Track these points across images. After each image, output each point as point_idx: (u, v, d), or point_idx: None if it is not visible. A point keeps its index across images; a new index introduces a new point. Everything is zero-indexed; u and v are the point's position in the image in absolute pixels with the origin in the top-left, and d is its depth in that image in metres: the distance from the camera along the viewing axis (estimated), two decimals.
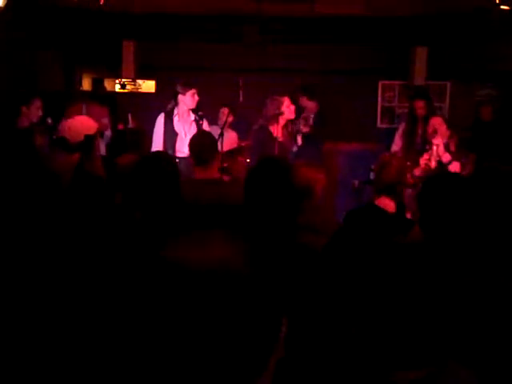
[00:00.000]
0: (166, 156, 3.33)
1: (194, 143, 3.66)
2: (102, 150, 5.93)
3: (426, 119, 5.50)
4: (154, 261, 1.54)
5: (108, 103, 6.49)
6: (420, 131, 5.52)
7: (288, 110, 5.11)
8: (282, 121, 5.10)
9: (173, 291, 1.39)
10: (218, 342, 1.23)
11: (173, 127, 4.91)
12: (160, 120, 4.98)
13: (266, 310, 1.32)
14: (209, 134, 4.11)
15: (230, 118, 6.14)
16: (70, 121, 3.28)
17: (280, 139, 5.07)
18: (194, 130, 4.86)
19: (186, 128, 4.90)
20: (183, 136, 4.88)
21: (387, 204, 3.03)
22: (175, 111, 4.96)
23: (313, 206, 2.96)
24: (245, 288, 1.30)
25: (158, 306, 1.37)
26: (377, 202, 3.05)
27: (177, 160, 4.03)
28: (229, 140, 6.03)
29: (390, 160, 3.13)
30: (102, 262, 2.20)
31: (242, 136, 6.66)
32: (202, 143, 3.64)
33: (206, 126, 5.03)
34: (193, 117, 4.96)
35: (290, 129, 5.31)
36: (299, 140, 5.65)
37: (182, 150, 4.70)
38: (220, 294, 1.26)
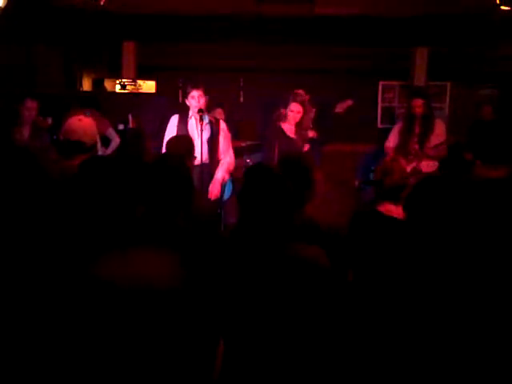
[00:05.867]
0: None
1: None
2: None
3: (424, 118, 5.46)
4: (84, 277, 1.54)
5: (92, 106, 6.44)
6: (417, 130, 5.45)
7: (293, 113, 5.05)
8: (292, 119, 5.05)
9: (100, 309, 1.40)
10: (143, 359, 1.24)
11: (186, 131, 4.64)
12: (173, 121, 4.70)
13: (197, 323, 1.32)
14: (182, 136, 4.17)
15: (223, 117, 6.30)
16: (79, 123, 3.21)
17: (291, 136, 5.05)
18: (207, 134, 4.64)
19: (198, 133, 4.50)
20: (197, 140, 4.47)
21: (391, 210, 3.03)
22: (189, 113, 4.69)
23: (312, 206, 2.95)
24: (171, 302, 1.29)
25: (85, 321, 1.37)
26: (381, 209, 3.06)
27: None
28: None
29: (392, 165, 3.13)
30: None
31: (242, 136, 6.67)
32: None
33: (224, 127, 4.78)
34: (207, 120, 4.63)
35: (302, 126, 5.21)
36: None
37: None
38: (145, 310, 1.25)
